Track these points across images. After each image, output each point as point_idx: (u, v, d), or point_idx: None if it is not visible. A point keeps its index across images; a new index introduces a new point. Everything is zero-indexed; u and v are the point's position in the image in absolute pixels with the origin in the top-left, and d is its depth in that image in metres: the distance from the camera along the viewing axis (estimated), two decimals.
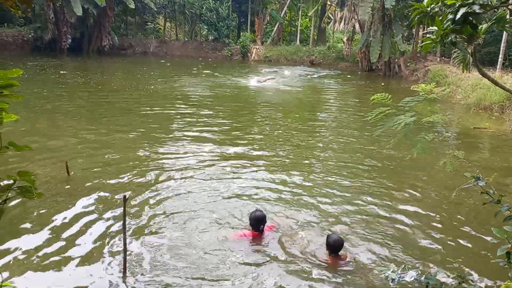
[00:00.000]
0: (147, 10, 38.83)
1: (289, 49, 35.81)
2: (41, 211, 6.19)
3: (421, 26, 27.77)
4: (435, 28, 3.83)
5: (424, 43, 4.09)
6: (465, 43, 4.13)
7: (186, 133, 11.08)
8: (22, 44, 31.92)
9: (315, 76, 27.07)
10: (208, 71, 26.42)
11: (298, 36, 38.08)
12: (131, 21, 40.70)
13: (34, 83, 17.55)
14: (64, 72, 22.89)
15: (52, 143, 9.62)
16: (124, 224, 4.59)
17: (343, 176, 8.27)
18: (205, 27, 40.11)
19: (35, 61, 26.71)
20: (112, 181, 7.48)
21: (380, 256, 5.38)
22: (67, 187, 7.16)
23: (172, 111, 13.92)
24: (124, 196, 4.54)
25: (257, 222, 5.45)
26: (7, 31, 32.39)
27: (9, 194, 1.91)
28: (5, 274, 4.58)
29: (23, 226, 5.77)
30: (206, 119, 12.96)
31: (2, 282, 1.93)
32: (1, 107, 1.85)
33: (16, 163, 7.78)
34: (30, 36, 31.98)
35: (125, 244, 4.61)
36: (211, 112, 14.01)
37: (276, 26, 38.14)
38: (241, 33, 38.83)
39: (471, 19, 3.73)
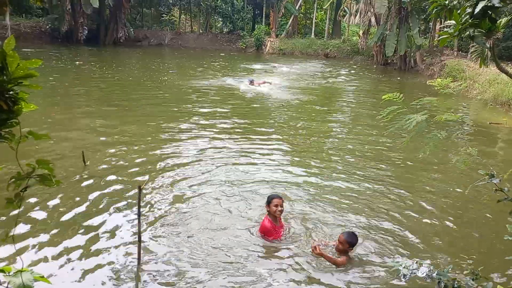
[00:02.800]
0: (163, 2, 38.99)
1: (303, 42, 35.63)
2: (56, 200, 6.30)
3: (439, 19, 27.36)
4: (453, 22, 3.77)
5: (441, 37, 4.04)
6: (484, 37, 4.06)
7: (200, 124, 11.13)
8: (39, 35, 32.32)
9: (329, 69, 26.85)
10: (217, 67, 26.42)
11: (313, 29, 37.85)
12: (146, 12, 40.89)
13: (50, 73, 17.78)
14: (80, 63, 23.12)
15: (67, 132, 9.75)
16: (139, 214, 4.66)
17: (355, 172, 8.24)
18: (220, 19, 40.15)
19: (52, 51, 27.02)
20: (127, 171, 7.58)
21: (391, 251, 5.37)
22: (83, 176, 7.26)
23: (185, 103, 13.98)
24: (139, 187, 4.60)
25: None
26: (25, 22, 32.81)
27: (29, 182, 1.95)
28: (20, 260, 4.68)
29: (39, 214, 5.88)
30: (219, 111, 12.98)
31: (22, 268, 1.98)
32: (21, 96, 1.89)
33: (32, 152, 7.90)
34: (47, 27, 32.36)
35: (139, 234, 4.68)
36: (224, 105, 14.03)
37: (291, 19, 37.93)
38: (256, 25, 38.72)
39: (490, 13, 3.67)
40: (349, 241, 5.04)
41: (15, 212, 5.34)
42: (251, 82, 17.86)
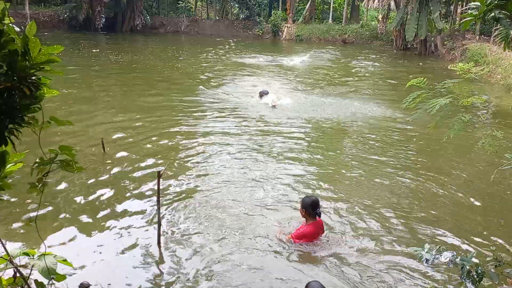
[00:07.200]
0: None
1: (321, 27, 35.11)
2: (77, 186, 6.40)
3: (460, 2, 26.65)
4: (477, 3, 3.66)
5: (464, 19, 3.93)
6: (508, 20, 3.93)
7: (219, 113, 11.14)
8: (58, 23, 32.67)
9: (347, 56, 26.48)
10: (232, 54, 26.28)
11: (331, 14, 37.26)
12: (163, 0, 40.80)
13: (67, 61, 17.94)
14: (97, 50, 23.30)
15: (85, 120, 9.84)
16: (158, 199, 4.71)
17: (377, 158, 8.16)
18: (236, 5, 39.81)
19: (70, 39, 27.28)
20: (146, 158, 7.65)
21: (414, 236, 5.33)
22: (103, 163, 7.36)
23: (202, 91, 13.97)
24: (159, 173, 4.64)
25: (314, 208, 5.08)
26: (44, 11, 33.21)
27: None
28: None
29: (60, 199, 5.99)
30: (237, 102, 12.94)
31: (45, 252, 2.02)
32: (44, 82, 1.90)
33: (50, 139, 7.99)
34: (65, 15, 32.65)
35: (159, 218, 4.74)
36: (241, 96, 13.99)
37: (308, 4, 37.35)
38: (273, 11, 38.31)
39: None
40: None
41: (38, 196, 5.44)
42: (263, 95, 12.75)
